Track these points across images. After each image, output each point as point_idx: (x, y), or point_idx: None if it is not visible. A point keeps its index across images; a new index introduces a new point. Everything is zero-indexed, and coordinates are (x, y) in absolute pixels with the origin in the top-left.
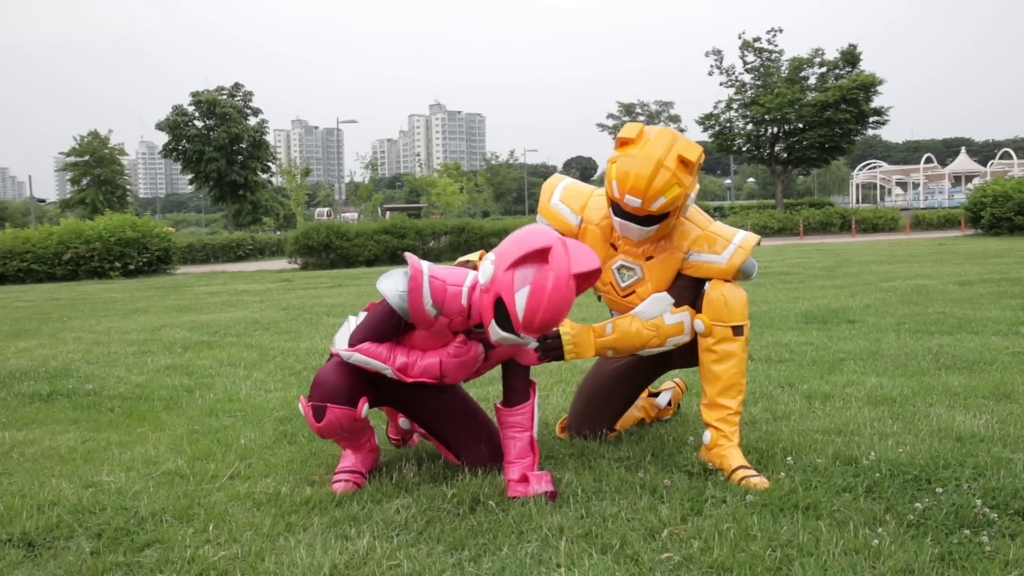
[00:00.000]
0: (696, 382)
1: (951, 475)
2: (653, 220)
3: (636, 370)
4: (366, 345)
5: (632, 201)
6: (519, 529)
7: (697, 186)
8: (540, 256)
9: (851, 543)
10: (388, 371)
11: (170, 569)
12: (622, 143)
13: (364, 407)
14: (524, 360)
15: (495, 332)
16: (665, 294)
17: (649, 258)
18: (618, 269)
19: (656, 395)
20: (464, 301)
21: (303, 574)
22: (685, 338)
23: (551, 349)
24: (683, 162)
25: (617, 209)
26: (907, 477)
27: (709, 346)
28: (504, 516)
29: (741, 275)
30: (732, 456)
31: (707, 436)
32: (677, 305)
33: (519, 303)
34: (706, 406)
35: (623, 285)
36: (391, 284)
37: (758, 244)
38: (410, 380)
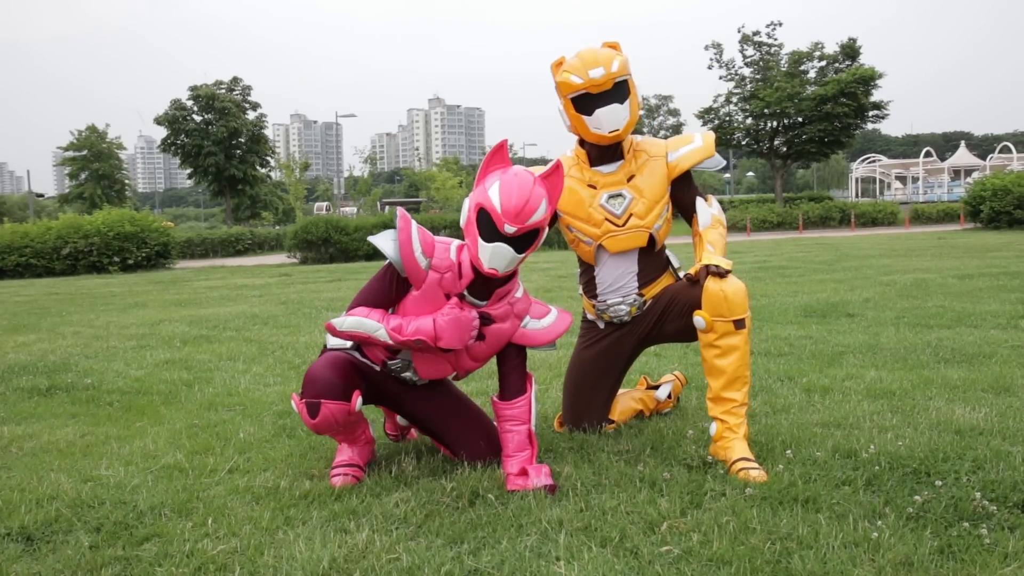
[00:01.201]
0: (696, 375)
1: (950, 468)
2: (622, 93)
3: (617, 349)
4: (359, 309)
5: (596, 72)
6: (518, 522)
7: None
8: (502, 159)
9: (850, 536)
10: (381, 331)
11: (169, 563)
12: (558, 64)
13: (358, 401)
14: (524, 342)
15: (484, 250)
16: (702, 202)
17: (631, 178)
18: (608, 200)
19: (656, 387)
20: (453, 256)
21: (302, 568)
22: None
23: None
24: (611, 45)
25: (585, 103)
26: (906, 470)
27: (711, 341)
28: (503, 509)
29: (712, 160)
30: (735, 448)
31: (713, 428)
32: (686, 205)
33: (494, 196)
34: (712, 400)
35: (620, 213)
36: (383, 236)
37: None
38: (404, 339)
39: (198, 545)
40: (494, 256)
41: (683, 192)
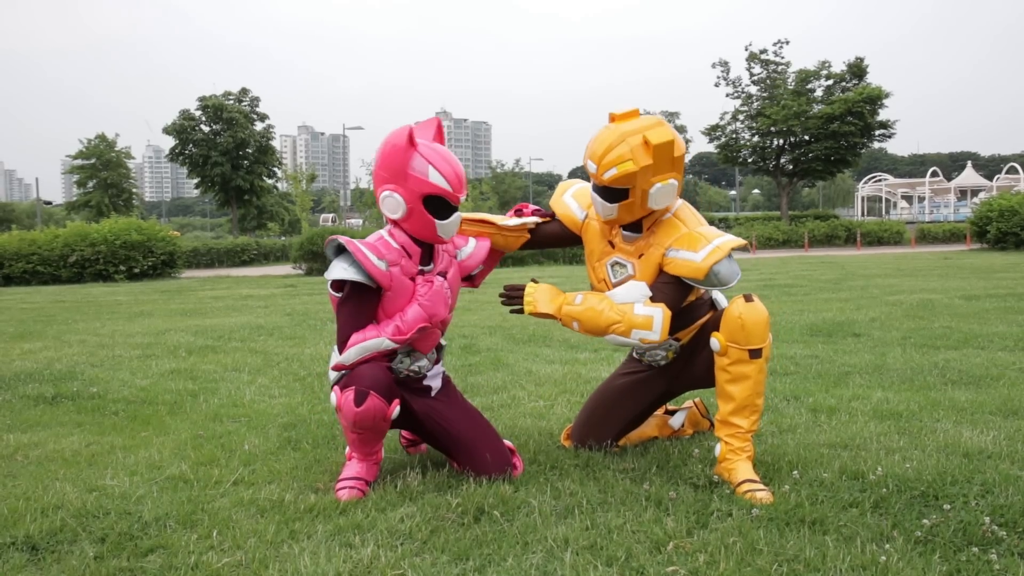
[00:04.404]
0: (713, 403)
1: (959, 492)
2: (612, 195)
3: (646, 387)
4: (355, 336)
5: (590, 166)
6: (524, 540)
7: (673, 181)
8: (408, 146)
9: (858, 559)
10: (385, 341)
11: (173, 575)
12: (611, 119)
13: (396, 409)
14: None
15: (442, 227)
16: (643, 283)
17: (641, 255)
18: (612, 265)
19: (672, 413)
20: (393, 243)
21: None
22: (654, 336)
23: (513, 298)
24: (645, 142)
25: (593, 183)
26: (914, 493)
27: (724, 366)
28: (509, 527)
29: (715, 279)
30: (740, 470)
31: (717, 449)
32: (653, 300)
33: (437, 179)
34: (719, 421)
35: (614, 281)
36: (336, 269)
37: (742, 248)
38: (408, 336)
39: (203, 557)
40: (451, 227)
41: (657, 281)
